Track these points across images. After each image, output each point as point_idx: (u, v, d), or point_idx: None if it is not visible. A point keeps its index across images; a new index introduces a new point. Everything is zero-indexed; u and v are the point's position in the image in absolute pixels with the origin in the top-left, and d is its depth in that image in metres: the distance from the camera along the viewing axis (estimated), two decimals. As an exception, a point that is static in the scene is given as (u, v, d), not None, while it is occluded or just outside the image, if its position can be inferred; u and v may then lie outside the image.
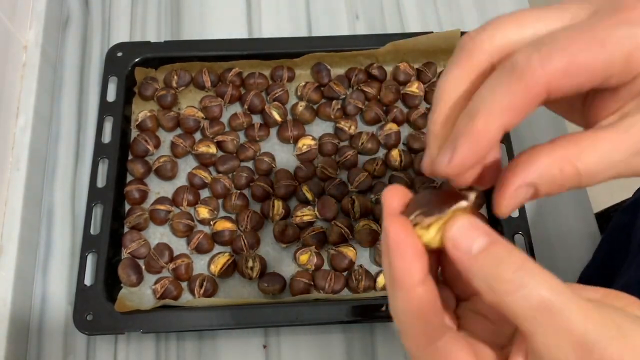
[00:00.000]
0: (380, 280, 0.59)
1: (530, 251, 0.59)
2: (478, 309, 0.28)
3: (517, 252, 0.22)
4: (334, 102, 0.68)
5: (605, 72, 0.23)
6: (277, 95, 0.68)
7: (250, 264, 0.59)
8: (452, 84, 0.26)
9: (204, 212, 0.62)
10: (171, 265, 0.59)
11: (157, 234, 0.62)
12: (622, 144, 0.23)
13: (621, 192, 0.71)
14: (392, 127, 0.66)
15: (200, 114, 0.67)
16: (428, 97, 0.69)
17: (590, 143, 0.23)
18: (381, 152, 0.66)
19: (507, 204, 0.24)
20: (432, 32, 0.69)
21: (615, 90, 0.24)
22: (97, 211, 0.61)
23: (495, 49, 0.25)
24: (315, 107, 0.69)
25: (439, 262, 0.28)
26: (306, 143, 0.65)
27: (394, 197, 0.25)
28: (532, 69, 0.22)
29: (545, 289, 0.21)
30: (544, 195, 0.24)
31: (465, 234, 0.23)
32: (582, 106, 0.27)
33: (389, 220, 0.24)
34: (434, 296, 0.24)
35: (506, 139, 0.64)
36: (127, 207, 0.63)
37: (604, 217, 0.74)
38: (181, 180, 0.65)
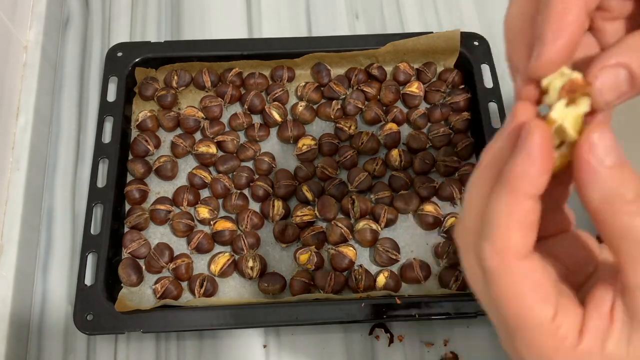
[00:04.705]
0: (380, 280, 0.59)
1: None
2: (555, 251, 0.27)
3: None
4: (334, 102, 0.68)
5: None
6: (277, 95, 0.68)
7: (250, 263, 0.59)
8: None
9: (204, 212, 0.62)
10: (171, 265, 0.59)
11: (157, 234, 0.62)
12: None
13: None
14: (392, 127, 0.66)
15: (201, 114, 0.67)
16: (428, 97, 0.69)
17: None
18: (381, 152, 0.66)
19: (599, 77, 0.23)
20: (432, 32, 0.69)
21: None
22: (98, 211, 0.61)
23: None
24: (315, 107, 0.69)
25: None
26: (306, 143, 0.65)
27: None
28: None
29: None
30: None
31: (605, 143, 0.22)
32: None
33: (525, 112, 0.23)
34: (538, 217, 0.23)
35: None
36: (128, 207, 0.63)
37: None
38: (181, 180, 0.65)
